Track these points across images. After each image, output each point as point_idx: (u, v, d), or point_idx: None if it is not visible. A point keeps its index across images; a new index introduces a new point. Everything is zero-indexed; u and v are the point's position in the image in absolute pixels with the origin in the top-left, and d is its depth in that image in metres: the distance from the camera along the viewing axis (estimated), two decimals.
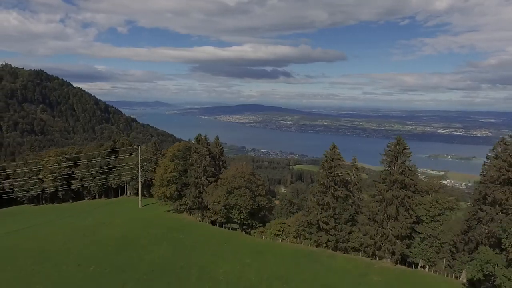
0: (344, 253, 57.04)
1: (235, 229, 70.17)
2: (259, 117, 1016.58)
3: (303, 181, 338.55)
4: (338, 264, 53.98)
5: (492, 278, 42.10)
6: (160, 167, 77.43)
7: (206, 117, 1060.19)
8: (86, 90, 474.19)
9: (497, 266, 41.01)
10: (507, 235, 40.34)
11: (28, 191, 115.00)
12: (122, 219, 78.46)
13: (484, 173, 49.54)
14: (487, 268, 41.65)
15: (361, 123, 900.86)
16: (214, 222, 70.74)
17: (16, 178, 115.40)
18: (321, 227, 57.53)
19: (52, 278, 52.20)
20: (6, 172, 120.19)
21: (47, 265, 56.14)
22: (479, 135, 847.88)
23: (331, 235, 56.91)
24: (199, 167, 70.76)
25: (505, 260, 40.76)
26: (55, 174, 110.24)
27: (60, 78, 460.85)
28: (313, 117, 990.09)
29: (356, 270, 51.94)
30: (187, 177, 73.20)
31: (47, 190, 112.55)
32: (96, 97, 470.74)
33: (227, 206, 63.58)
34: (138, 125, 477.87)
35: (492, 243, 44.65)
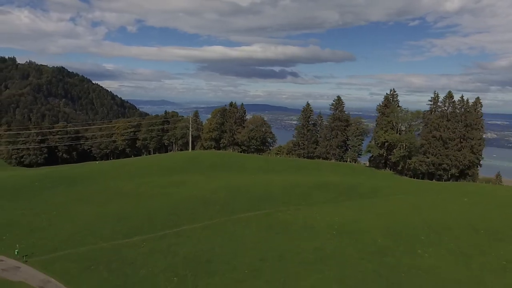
0: (311, 159, 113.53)
1: None
2: (265, 116, 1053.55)
3: None
4: (308, 162, 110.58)
5: (372, 155, 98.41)
6: (206, 122, 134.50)
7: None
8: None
9: (373, 148, 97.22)
10: (377, 134, 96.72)
11: (104, 149, 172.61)
12: (182, 155, 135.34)
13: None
14: (369, 150, 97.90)
15: (366, 124, 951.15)
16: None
17: (94, 140, 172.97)
18: (300, 146, 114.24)
19: (153, 172, 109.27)
20: (85, 136, 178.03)
21: (150, 170, 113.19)
22: (483, 136, 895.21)
23: (305, 150, 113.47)
24: (231, 120, 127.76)
25: (375, 143, 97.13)
26: (124, 136, 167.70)
27: (80, 74, 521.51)
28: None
29: (316, 164, 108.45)
30: (224, 127, 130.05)
31: (118, 148, 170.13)
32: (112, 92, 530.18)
33: (249, 137, 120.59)
34: None
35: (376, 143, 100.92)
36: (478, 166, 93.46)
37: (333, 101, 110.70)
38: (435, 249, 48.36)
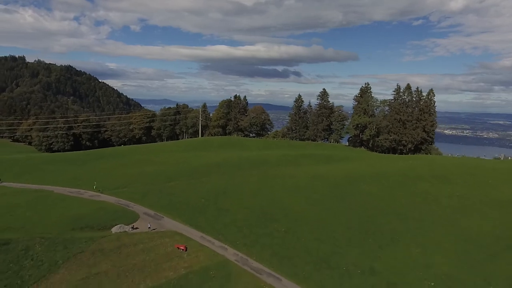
0: (302, 141, 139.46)
1: None
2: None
3: None
4: (298, 143, 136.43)
5: (350, 136, 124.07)
6: (214, 113, 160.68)
7: None
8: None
9: (350, 129, 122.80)
10: (353, 118, 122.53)
11: (122, 137, 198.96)
12: (195, 140, 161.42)
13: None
14: (347, 131, 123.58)
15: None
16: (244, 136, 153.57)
17: (114, 129, 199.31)
18: (293, 130, 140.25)
19: (173, 150, 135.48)
20: (105, 126, 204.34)
21: (170, 150, 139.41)
22: (485, 136, 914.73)
23: (296, 134, 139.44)
24: (236, 109, 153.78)
25: (352, 126, 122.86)
26: (140, 126, 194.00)
27: (88, 73, 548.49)
28: None
29: (305, 144, 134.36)
30: (229, 115, 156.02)
31: (135, 136, 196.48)
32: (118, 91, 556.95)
33: (251, 124, 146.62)
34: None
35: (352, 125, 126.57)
36: (432, 143, 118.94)
37: (320, 92, 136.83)
38: (374, 185, 73.87)
